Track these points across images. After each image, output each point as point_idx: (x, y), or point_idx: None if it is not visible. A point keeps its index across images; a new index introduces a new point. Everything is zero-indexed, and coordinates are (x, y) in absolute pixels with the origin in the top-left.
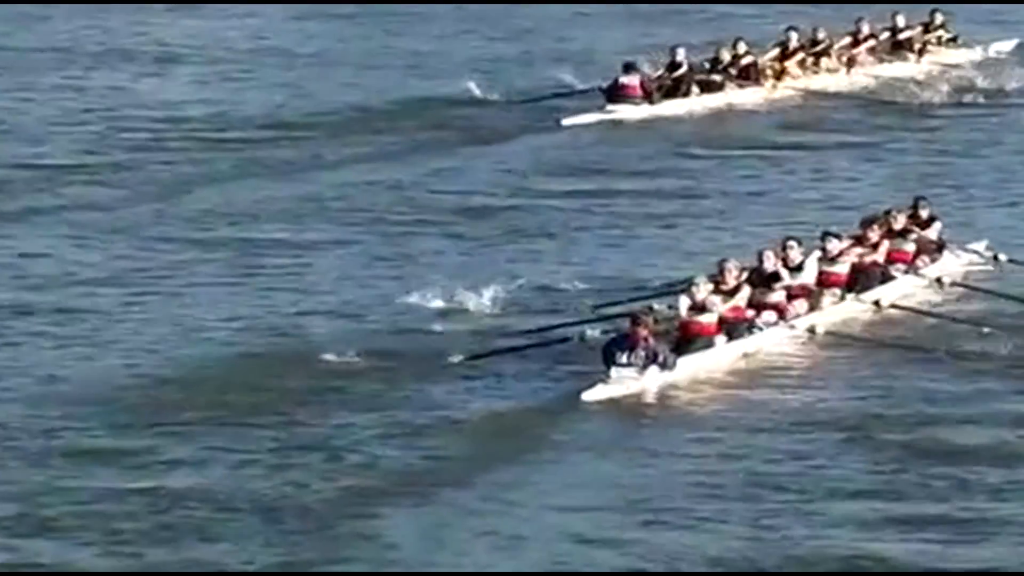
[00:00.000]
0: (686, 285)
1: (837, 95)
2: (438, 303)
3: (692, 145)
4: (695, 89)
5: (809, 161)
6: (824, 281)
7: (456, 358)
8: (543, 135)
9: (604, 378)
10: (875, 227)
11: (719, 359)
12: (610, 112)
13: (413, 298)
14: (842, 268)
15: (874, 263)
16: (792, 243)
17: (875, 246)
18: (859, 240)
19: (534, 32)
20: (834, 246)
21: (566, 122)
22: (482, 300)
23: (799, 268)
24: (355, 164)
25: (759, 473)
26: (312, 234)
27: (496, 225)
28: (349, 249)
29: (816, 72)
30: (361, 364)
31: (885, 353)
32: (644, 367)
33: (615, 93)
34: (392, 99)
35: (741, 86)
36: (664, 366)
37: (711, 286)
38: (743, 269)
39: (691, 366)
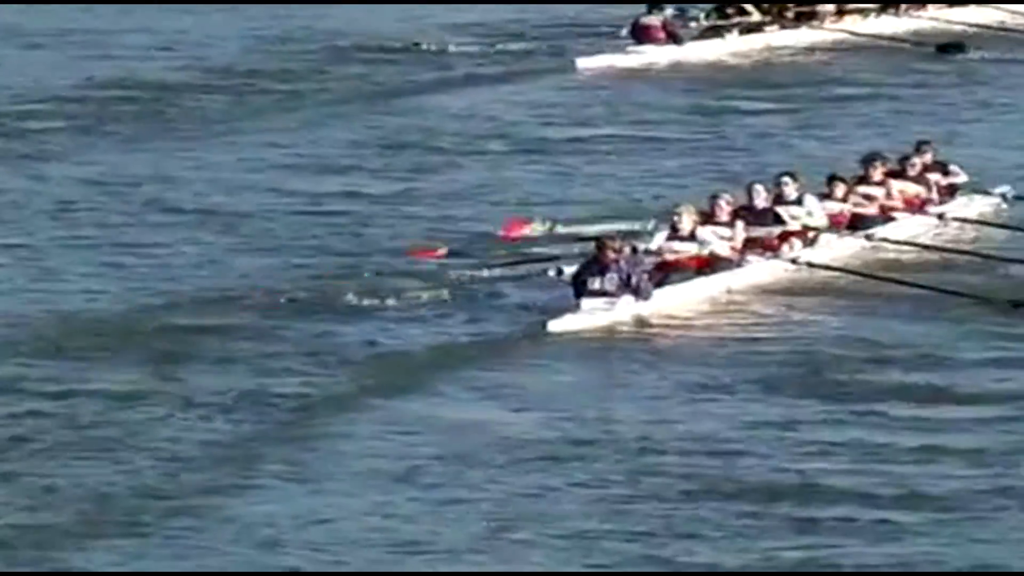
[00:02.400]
0: (670, 215)
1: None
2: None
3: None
4: (734, 31)
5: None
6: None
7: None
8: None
9: (573, 308)
10: (877, 165)
11: (700, 292)
12: (631, 54)
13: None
14: (842, 207)
15: (876, 203)
16: (786, 179)
17: (880, 185)
18: (862, 180)
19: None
20: (839, 189)
21: (581, 64)
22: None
23: (798, 204)
24: (80, 155)
25: (731, 414)
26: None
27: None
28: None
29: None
30: None
31: (877, 288)
32: (618, 293)
33: (635, 35)
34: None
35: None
36: (639, 294)
37: (696, 217)
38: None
39: (669, 298)
